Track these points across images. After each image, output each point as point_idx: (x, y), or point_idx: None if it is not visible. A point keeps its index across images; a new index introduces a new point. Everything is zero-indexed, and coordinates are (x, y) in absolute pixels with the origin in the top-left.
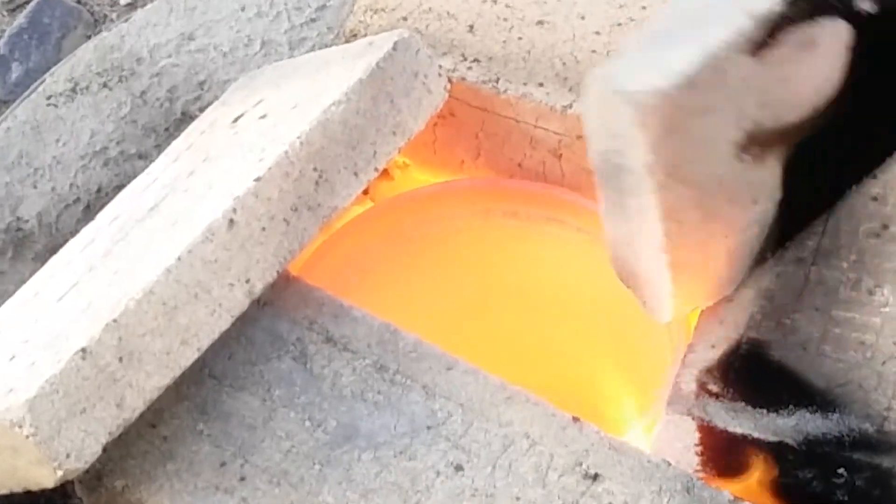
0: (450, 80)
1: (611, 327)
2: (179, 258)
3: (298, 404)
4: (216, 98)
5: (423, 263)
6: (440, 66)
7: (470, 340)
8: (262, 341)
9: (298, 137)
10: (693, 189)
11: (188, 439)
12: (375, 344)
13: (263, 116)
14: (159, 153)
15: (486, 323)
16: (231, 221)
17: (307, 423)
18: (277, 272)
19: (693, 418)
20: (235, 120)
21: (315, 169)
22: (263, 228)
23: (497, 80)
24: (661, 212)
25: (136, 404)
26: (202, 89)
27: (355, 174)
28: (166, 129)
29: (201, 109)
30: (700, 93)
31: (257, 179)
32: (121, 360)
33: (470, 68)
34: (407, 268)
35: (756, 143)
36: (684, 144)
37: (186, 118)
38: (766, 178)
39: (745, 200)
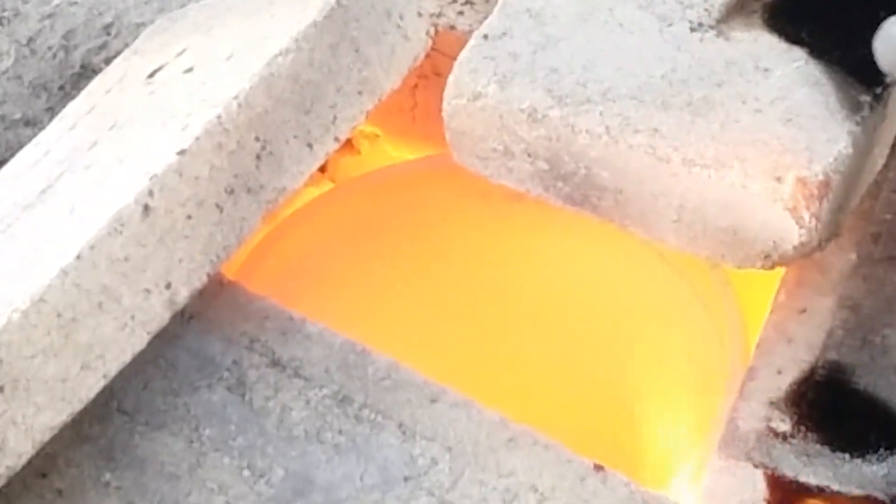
0: (434, 28)
1: (647, 345)
2: (79, 256)
3: (235, 448)
4: (126, 46)
5: (399, 263)
6: (421, 8)
7: (461, 364)
8: (187, 365)
9: (235, 98)
10: None
11: (90, 493)
12: (336, 369)
13: (189, 70)
14: (52, 118)
15: (482, 341)
16: (146, 208)
17: (246, 473)
18: (208, 275)
19: (755, 465)
20: (152, 74)
21: (257, 139)
22: (189, 217)
23: None
24: None
25: (22, 448)
26: (108, 35)
27: (309, 146)
28: (61, 88)
29: (107, 61)
30: None
31: (181, 153)
32: (2, 389)
33: (460, 13)
34: (378, 269)
35: None
36: None
37: (88, 72)
38: None
39: None
